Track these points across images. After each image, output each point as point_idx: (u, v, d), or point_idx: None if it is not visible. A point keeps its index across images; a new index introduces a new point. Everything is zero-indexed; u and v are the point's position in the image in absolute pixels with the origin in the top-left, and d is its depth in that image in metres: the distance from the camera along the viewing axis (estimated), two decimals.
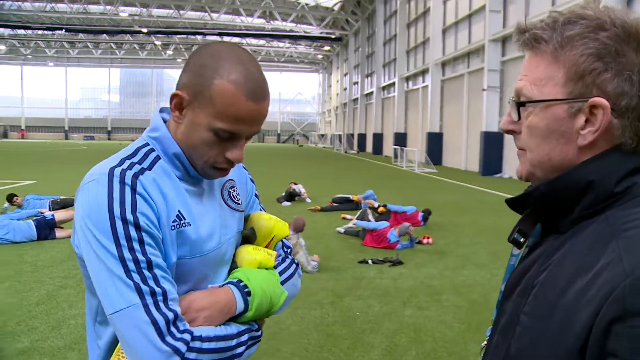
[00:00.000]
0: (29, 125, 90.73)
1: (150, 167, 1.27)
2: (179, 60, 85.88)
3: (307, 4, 56.94)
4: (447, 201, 14.70)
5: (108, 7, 56.87)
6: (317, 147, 72.51)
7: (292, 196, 14.55)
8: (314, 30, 60.61)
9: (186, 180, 1.33)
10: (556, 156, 0.95)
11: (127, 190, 1.18)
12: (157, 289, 1.15)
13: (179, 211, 1.27)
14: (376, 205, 11.62)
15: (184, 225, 1.27)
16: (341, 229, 10.13)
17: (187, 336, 1.15)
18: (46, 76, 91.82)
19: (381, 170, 27.56)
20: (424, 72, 36.09)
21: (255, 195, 1.64)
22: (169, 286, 1.19)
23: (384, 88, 46.56)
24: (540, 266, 0.93)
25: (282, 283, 1.45)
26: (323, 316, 5.44)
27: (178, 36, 70.10)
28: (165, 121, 1.35)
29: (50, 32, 67.96)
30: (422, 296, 6.14)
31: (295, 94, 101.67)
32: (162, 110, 1.38)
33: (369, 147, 50.36)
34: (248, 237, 1.49)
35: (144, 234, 1.17)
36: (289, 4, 57.85)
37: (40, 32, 66.75)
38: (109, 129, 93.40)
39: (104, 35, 68.27)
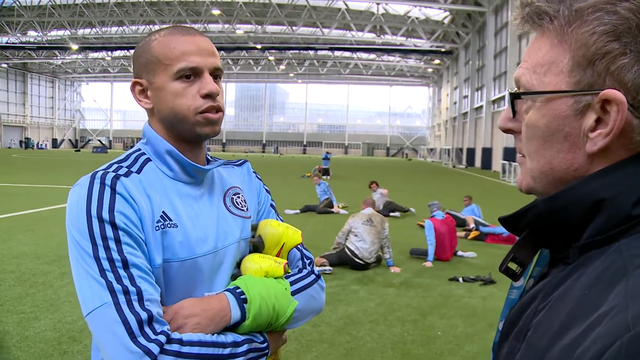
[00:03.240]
0: None
1: (139, 170, 1.27)
2: (291, 74, 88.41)
3: (417, 18, 56.65)
4: None
5: (226, 25, 60.01)
6: (426, 161, 71.58)
7: (391, 210, 13.17)
8: (424, 44, 60.15)
9: (182, 180, 1.32)
10: (559, 165, 0.74)
11: (107, 190, 1.17)
12: (132, 288, 1.10)
13: (163, 212, 1.24)
14: (472, 226, 10.89)
15: (169, 226, 1.23)
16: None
17: (162, 338, 1.09)
18: None
19: (486, 186, 26.75)
20: None
21: (272, 205, 1.59)
22: (147, 286, 1.14)
23: (494, 102, 45.25)
24: (539, 304, 0.73)
25: (295, 293, 1.37)
26: (402, 334, 5.35)
27: (291, 51, 72.26)
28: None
29: None
30: None
31: (405, 107, 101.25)
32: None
33: (478, 161, 49.05)
34: (256, 245, 1.42)
35: (120, 233, 1.14)
36: (399, 18, 57.81)
37: None
38: (224, 140, 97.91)
39: (222, 52, 71.74)
